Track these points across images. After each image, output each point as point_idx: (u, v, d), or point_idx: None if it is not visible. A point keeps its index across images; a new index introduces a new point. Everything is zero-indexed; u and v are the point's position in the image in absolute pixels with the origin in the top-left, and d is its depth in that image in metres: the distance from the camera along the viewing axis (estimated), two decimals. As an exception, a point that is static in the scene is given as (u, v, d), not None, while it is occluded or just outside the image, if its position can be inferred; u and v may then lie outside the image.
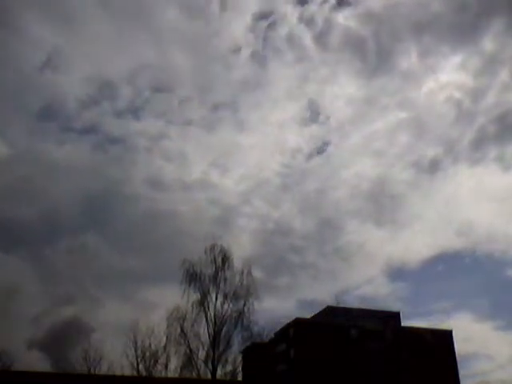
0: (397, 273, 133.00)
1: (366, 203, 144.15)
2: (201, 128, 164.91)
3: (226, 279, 47.30)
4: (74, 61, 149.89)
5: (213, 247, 47.64)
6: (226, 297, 46.95)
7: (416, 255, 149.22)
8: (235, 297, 46.99)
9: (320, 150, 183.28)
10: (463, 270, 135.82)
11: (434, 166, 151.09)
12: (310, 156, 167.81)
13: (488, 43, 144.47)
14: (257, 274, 51.74)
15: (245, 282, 47.29)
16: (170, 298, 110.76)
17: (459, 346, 66.32)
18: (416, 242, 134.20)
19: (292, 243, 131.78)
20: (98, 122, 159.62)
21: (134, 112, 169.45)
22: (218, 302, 46.95)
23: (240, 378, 57.50)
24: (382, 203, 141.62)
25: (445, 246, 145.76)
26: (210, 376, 47.66)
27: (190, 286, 46.36)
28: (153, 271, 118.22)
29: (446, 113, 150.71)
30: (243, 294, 47.05)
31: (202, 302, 46.62)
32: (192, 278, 46.46)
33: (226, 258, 47.44)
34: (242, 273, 47.47)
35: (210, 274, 46.99)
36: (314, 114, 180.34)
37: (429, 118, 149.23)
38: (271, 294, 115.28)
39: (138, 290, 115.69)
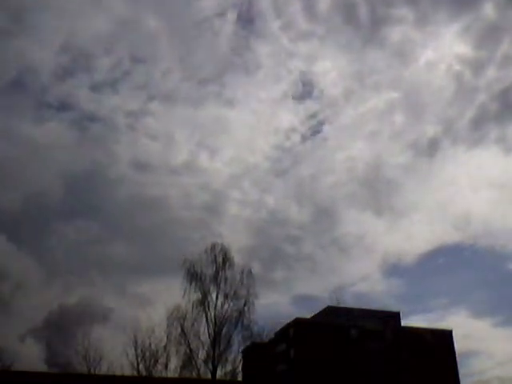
0: (394, 269, 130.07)
1: (363, 189, 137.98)
2: (186, 104, 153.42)
3: (226, 279, 47.43)
4: (43, 27, 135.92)
5: (213, 247, 47.86)
6: (226, 297, 47.07)
7: (414, 249, 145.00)
8: (235, 297, 47.09)
9: (315, 129, 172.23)
10: (462, 264, 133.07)
11: (432, 148, 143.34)
12: (304, 137, 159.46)
13: (489, 10, 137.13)
14: (252, 266, 51.25)
15: (245, 282, 47.35)
16: (163, 293, 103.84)
17: (458, 344, 66.31)
18: (414, 235, 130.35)
19: (288, 233, 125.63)
20: (75, 96, 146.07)
21: (113, 85, 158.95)
22: (219, 302, 47.04)
23: (240, 377, 57.42)
24: (378, 189, 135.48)
25: (443, 239, 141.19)
26: (210, 376, 47.64)
27: (190, 285, 46.46)
28: (144, 262, 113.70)
29: (446, 87, 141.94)
30: (243, 293, 47.15)
31: (203, 302, 46.72)
32: (193, 277, 46.60)
33: (226, 258, 47.57)
34: (243, 272, 47.56)
35: (211, 274, 47.12)
36: (306, 88, 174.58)
37: (427, 92, 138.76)
38: (268, 288, 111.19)
39: (130, 283, 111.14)
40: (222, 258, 47.53)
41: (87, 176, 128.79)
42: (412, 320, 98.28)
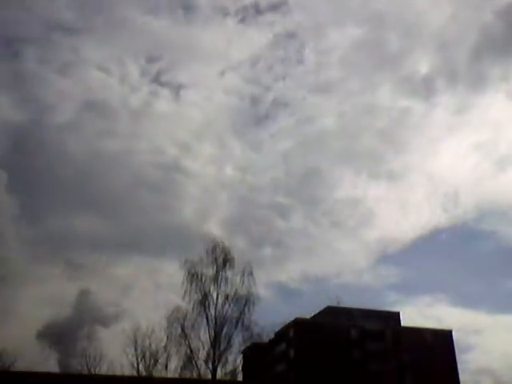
0: (385, 256, 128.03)
1: (355, 143, 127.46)
2: (136, 18, 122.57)
3: (226, 279, 47.31)
4: None
5: (214, 247, 47.66)
6: (226, 297, 46.90)
7: (408, 232, 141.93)
8: (236, 297, 46.95)
9: (294, 54, 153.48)
10: (456, 248, 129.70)
11: (427, 87, 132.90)
12: (284, 68, 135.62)
13: None
14: (239, 244, 50.08)
15: (246, 283, 47.29)
16: (144, 275, 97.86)
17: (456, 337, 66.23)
18: (410, 209, 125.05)
19: (275, 202, 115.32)
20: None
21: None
22: (219, 302, 46.92)
23: (240, 378, 57.40)
24: (372, 143, 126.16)
25: (436, 220, 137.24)
26: (210, 376, 47.61)
27: (191, 286, 46.40)
28: (116, 237, 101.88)
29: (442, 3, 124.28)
30: (244, 294, 47.05)
31: (203, 302, 46.56)
32: (193, 278, 46.50)
33: (227, 259, 47.46)
34: (243, 273, 47.48)
35: (211, 274, 47.00)
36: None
37: (421, 11, 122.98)
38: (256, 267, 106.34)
39: (104, 263, 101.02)
40: (222, 259, 47.47)
41: (33, 124, 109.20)
42: (403, 308, 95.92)
